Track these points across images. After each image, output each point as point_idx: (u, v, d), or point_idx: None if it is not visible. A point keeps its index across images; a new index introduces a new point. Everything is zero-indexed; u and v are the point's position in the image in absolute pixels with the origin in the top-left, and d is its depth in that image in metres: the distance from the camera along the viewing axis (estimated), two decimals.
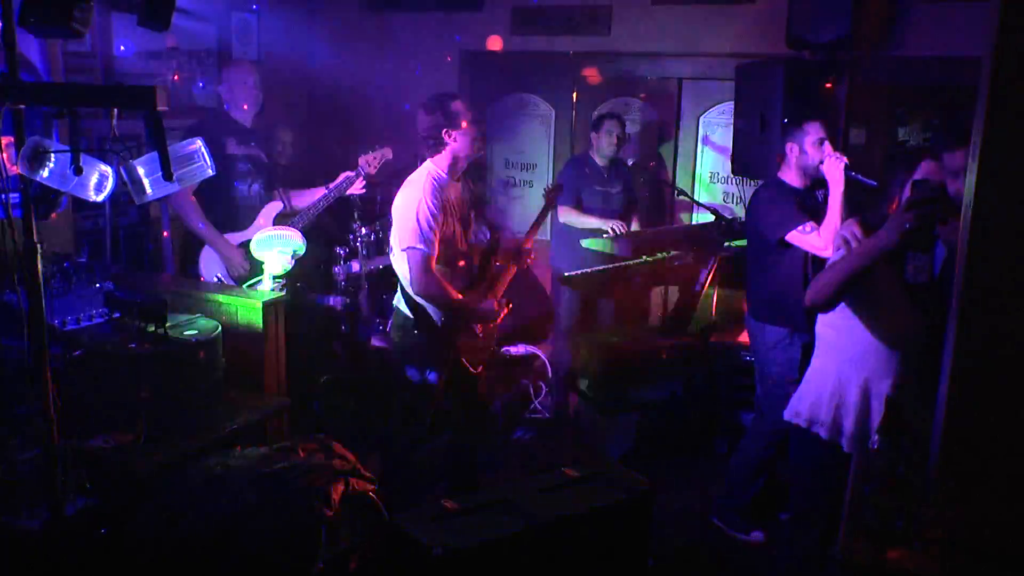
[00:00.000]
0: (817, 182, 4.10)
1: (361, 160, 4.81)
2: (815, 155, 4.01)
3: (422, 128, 3.81)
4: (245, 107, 4.66)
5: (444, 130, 3.76)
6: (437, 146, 3.80)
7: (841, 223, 3.80)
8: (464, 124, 3.79)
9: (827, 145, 4.00)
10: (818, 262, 4.14)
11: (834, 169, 3.92)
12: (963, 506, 2.03)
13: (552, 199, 4.61)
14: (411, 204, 3.72)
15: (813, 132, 4.04)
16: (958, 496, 2.03)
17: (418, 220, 3.68)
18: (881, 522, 2.15)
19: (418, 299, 3.83)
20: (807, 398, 3.06)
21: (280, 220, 4.66)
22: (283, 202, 4.75)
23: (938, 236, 2.61)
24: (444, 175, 3.84)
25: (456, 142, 3.79)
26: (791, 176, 4.14)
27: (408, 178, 3.88)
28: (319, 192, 4.79)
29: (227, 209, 4.55)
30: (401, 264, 3.80)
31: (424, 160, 3.89)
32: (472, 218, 4.07)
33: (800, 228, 3.92)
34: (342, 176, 4.78)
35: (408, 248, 3.71)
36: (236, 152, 4.60)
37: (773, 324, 4.17)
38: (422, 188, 3.75)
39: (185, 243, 4.65)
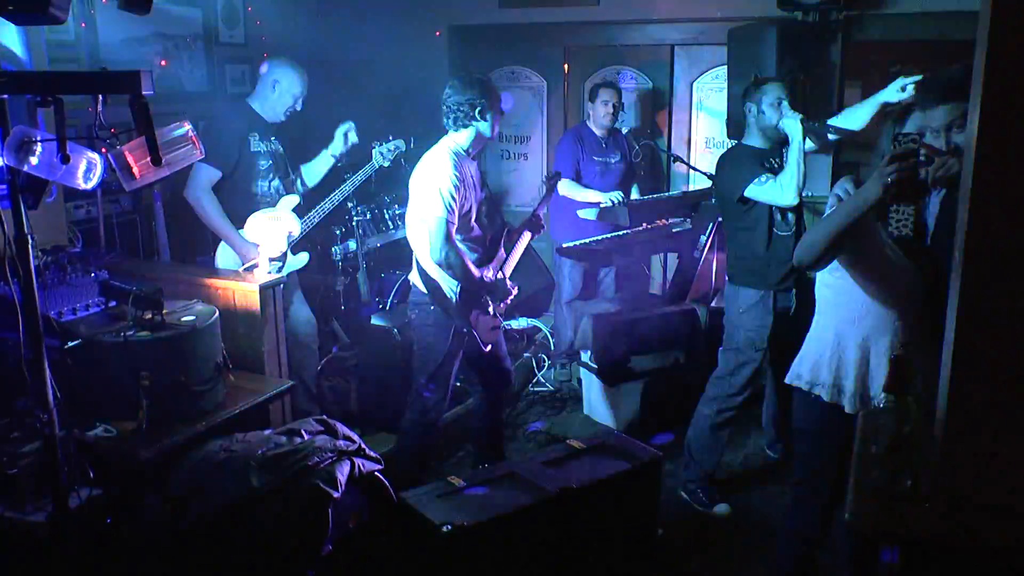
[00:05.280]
0: (782, 143, 4.10)
1: (375, 153, 4.78)
2: (772, 115, 4.02)
3: (452, 101, 3.88)
4: (277, 113, 4.56)
5: (478, 108, 3.85)
6: (464, 120, 3.89)
7: (802, 175, 3.89)
8: (495, 108, 3.91)
9: (785, 105, 4.01)
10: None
11: (791, 126, 3.95)
12: (970, 462, 2.02)
13: (552, 186, 4.79)
14: (433, 175, 3.81)
15: (771, 92, 4.04)
16: (965, 452, 2.02)
17: (441, 190, 3.77)
18: (889, 481, 2.14)
19: (434, 274, 3.93)
20: (808, 360, 3.04)
21: (297, 212, 4.59)
22: (299, 193, 4.69)
23: (929, 190, 2.59)
24: (462, 151, 3.94)
25: (485, 122, 3.90)
26: (753, 138, 4.16)
27: (428, 152, 3.96)
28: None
29: (247, 206, 4.45)
30: (420, 235, 3.88)
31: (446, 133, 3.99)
32: (486, 197, 4.15)
33: (756, 181, 3.94)
34: (359, 172, 4.77)
35: (431, 217, 3.79)
36: (259, 149, 4.51)
37: (747, 287, 4.18)
38: (444, 160, 3.85)
39: (201, 233, 4.59)
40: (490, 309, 4.05)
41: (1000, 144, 1.80)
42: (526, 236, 4.29)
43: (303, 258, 4.63)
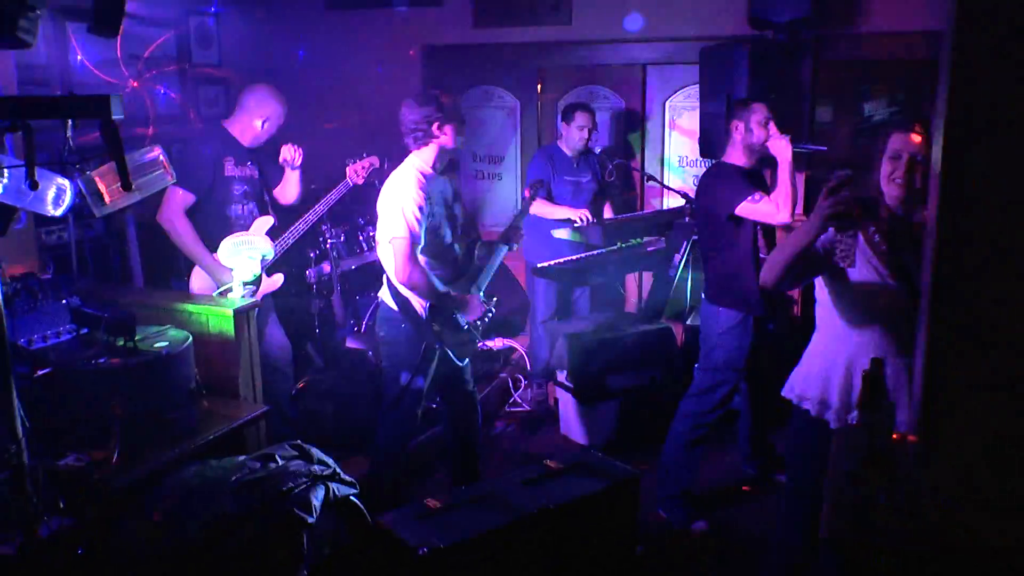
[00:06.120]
0: (763, 161, 4.12)
1: (349, 171, 4.77)
2: (760, 134, 4.05)
3: (409, 120, 3.86)
4: (254, 138, 4.55)
5: (435, 123, 3.83)
6: (424, 139, 3.87)
7: (796, 193, 3.95)
8: (454, 119, 3.88)
9: (772, 125, 4.05)
10: (770, 242, 4.19)
11: (780, 146, 3.99)
12: (944, 477, 2.03)
13: (535, 193, 4.76)
14: (396, 195, 3.79)
15: (759, 112, 4.08)
16: (939, 468, 2.03)
17: (404, 211, 3.75)
18: (864, 497, 2.14)
19: (403, 291, 3.89)
20: (800, 374, 3.09)
21: (272, 234, 4.57)
22: (274, 215, 4.67)
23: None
24: (429, 169, 3.92)
25: (446, 135, 3.87)
26: (736, 156, 4.18)
27: (393, 172, 3.94)
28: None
29: (221, 230, 4.42)
30: (386, 255, 3.85)
31: (408, 154, 3.95)
32: (459, 213, 4.12)
33: (749, 199, 3.96)
34: (334, 191, 4.75)
35: (394, 238, 3.77)
36: (234, 174, 4.47)
37: (728, 307, 4.19)
38: (408, 180, 3.83)
39: (175, 257, 4.55)
40: (463, 324, 4.03)
41: (964, 160, 1.82)
42: (503, 249, 4.26)
43: (278, 279, 4.60)
